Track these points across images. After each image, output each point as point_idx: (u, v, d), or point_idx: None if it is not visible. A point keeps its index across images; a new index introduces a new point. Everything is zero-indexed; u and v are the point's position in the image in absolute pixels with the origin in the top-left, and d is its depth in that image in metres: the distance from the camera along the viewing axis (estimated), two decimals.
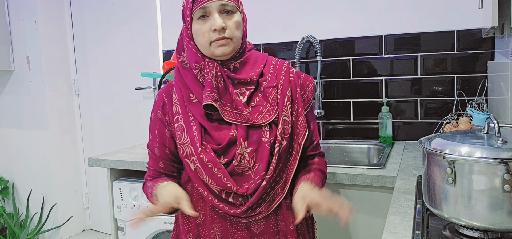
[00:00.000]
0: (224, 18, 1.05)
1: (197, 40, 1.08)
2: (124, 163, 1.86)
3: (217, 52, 1.06)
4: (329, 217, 1.03)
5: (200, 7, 1.04)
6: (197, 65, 1.09)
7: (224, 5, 1.05)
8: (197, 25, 1.07)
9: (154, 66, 2.71)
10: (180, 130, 1.11)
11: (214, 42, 1.05)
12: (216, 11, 1.05)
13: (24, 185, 3.25)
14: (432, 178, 0.89)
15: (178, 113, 1.12)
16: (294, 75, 1.16)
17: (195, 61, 1.09)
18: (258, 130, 1.08)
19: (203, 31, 1.05)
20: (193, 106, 1.11)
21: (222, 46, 1.05)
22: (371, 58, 2.08)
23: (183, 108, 1.12)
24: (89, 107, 3.16)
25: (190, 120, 1.11)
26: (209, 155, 1.06)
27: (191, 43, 1.10)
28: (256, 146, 1.07)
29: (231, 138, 1.06)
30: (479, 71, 1.89)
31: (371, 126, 2.11)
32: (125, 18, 2.85)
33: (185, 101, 1.12)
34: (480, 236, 0.86)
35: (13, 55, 3.12)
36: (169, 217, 1.81)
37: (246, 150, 1.06)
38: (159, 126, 1.16)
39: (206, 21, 1.05)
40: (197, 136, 1.08)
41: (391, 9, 2.03)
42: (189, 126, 1.10)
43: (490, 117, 0.88)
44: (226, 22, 1.05)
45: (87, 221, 3.34)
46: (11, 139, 3.27)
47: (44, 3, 2.99)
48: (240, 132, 1.07)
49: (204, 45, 1.07)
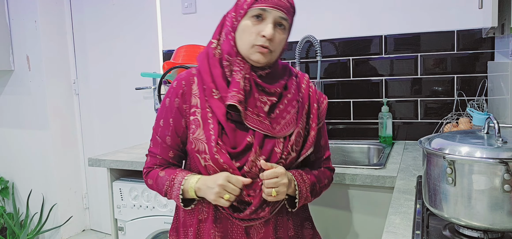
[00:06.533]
0: (275, 30, 1.05)
1: (241, 36, 1.06)
2: (124, 163, 1.86)
3: (254, 57, 1.05)
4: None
5: (260, 7, 1.03)
6: (229, 58, 1.07)
7: (282, 19, 1.05)
8: (248, 22, 1.05)
9: (154, 66, 2.71)
10: (195, 123, 1.09)
11: (256, 46, 1.04)
12: (272, 20, 1.04)
13: (24, 185, 3.25)
14: (432, 178, 0.89)
15: (196, 106, 1.09)
16: (312, 90, 1.17)
17: (228, 53, 1.07)
18: (273, 140, 1.08)
19: (251, 31, 1.04)
20: (215, 102, 1.08)
21: (260, 54, 1.04)
22: (371, 58, 2.08)
23: (202, 102, 1.09)
24: (89, 107, 3.16)
25: (208, 115, 1.08)
26: (224, 156, 1.05)
27: (231, 34, 1.08)
28: (268, 155, 1.07)
29: (247, 143, 1.06)
30: (479, 71, 1.89)
31: (371, 126, 2.11)
32: (125, 18, 2.85)
33: (206, 95, 1.09)
34: (480, 236, 0.86)
35: (13, 55, 3.12)
36: (169, 217, 1.81)
37: (258, 158, 1.06)
38: (175, 114, 1.11)
39: (258, 23, 1.04)
40: (213, 134, 1.06)
41: (391, 9, 2.03)
42: (206, 122, 1.08)
43: (490, 117, 0.88)
44: (275, 34, 1.05)
45: (87, 221, 3.34)
46: (11, 139, 3.26)
47: (44, 3, 2.98)
48: (257, 139, 1.06)
49: (245, 44, 1.05)
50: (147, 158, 1.18)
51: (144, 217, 1.87)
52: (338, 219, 1.57)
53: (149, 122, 2.77)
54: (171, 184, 1.10)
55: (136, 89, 2.79)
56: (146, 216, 1.86)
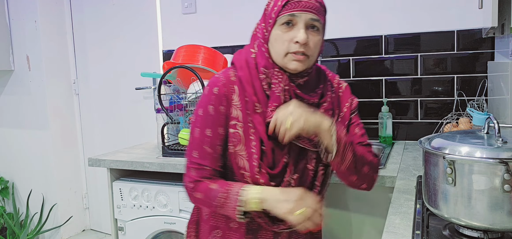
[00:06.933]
0: (308, 33, 1.00)
1: (273, 45, 1.02)
2: (124, 163, 1.86)
3: (290, 65, 1.00)
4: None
5: (289, 13, 0.98)
6: (265, 71, 1.03)
7: (313, 20, 0.99)
8: (278, 31, 1.00)
9: (154, 66, 2.71)
10: (236, 137, 1.05)
11: (291, 54, 0.99)
12: (303, 23, 0.99)
13: (24, 185, 3.25)
14: (432, 178, 0.89)
15: (237, 119, 1.05)
16: (343, 90, 1.14)
17: (264, 66, 1.04)
18: (305, 156, 1.07)
19: (283, 39, 0.99)
20: (257, 117, 1.04)
21: (297, 61, 1.00)
22: (371, 58, 2.08)
23: (244, 116, 1.05)
24: (89, 107, 3.16)
25: (251, 131, 1.04)
26: (265, 177, 1.03)
27: (264, 46, 1.04)
28: (301, 173, 1.07)
29: (284, 164, 1.05)
30: (479, 71, 1.89)
31: (371, 125, 2.11)
32: (125, 18, 2.85)
33: (248, 109, 1.05)
34: (480, 236, 0.86)
35: (13, 55, 3.12)
36: (169, 216, 1.81)
37: (293, 176, 1.06)
38: (222, 121, 1.06)
39: (289, 30, 0.99)
40: (255, 153, 1.03)
41: (391, 9, 2.03)
42: (248, 138, 1.04)
43: (490, 117, 0.88)
44: (309, 38, 0.99)
45: (87, 221, 3.34)
46: (11, 139, 3.26)
47: (44, 3, 2.98)
48: (291, 158, 1.06)
49: (279, 53, 1.01)
50: (190, 171, 1.08)
51: (144, 217, 1.87)
52: (338, 219, 1.57)
53: (149, 122, 2.80)
54: (226, 196, 1.03)
55: (136, 89, 2.79)
56: (146, 216, 1.86)
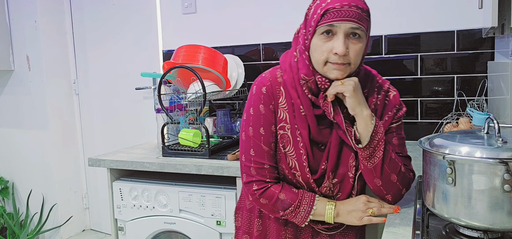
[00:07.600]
0: (349, 41, 0.98)
1: (313, 54, 1.01)
2: (124, 163, 1.86)
3: (331, 75, 1.00)
4: None
5: (328, 23, 0.96)
6: (305, 78, 1.03)
7: (353, 28, 0.97)
8: (317, 41, 1.00)
9: (154, 66, 2.71)
10: (285, 139, 1.08)
11: (331, 64, 0.99)
12: (342, 34, 0.97)
13: (24, 185, 3.25)
14: (432, 178, 0.89)
15: (285, 121, 1.07)
16: (390, 98, 1.12)
17: (305, 73, 1.03)
18: (346, 163, 1.08)
19: (323, 49, 0.99)
20: (301, 121, 1.06)
21: (337, 71, 0.99)
22: (371, 58, 2.07)
23: (291, 118, 1.07)
24: (89, 107, 3.16)
25: (297, 133, 1.07)
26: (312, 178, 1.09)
27: (305, 53, 1.04)
28: (341, 178, 1.09)
29: (322, 170, 1.08)
30: (479, 71, 1.89)
31: None
32: (125, 18, 2.85)
33: (294, 111, 1.06)
34: (480, 236, 0.86)
35: (13, 55, 3.12)
36: (169, 216, 1.81)
37: (332, 181, 1.09)
38: (273, 120, 1.08)
39: (329, 40, 0.98)
40: (303, 154, 1.07)
41: (391, 9, 2.03)
42: (296, 140, 1.07)
43: (490, 117, 0.88)
44: (349, 46, 0.98)
45: (87, 221, 3.34)
46: (11, 139, 3.26)
47: (44, 3, 2.98)
48: (330, 165, 1.07)
49: (319, 62, 1.01)
50: (250, 170, 1.10)
51: (144, 217, 1.87)
52: None
53: (149, 122, 2.80)
54: (297, 206, 1.07)
55: (136, 89, 2.79)
56: (146, 216, 1.86)
